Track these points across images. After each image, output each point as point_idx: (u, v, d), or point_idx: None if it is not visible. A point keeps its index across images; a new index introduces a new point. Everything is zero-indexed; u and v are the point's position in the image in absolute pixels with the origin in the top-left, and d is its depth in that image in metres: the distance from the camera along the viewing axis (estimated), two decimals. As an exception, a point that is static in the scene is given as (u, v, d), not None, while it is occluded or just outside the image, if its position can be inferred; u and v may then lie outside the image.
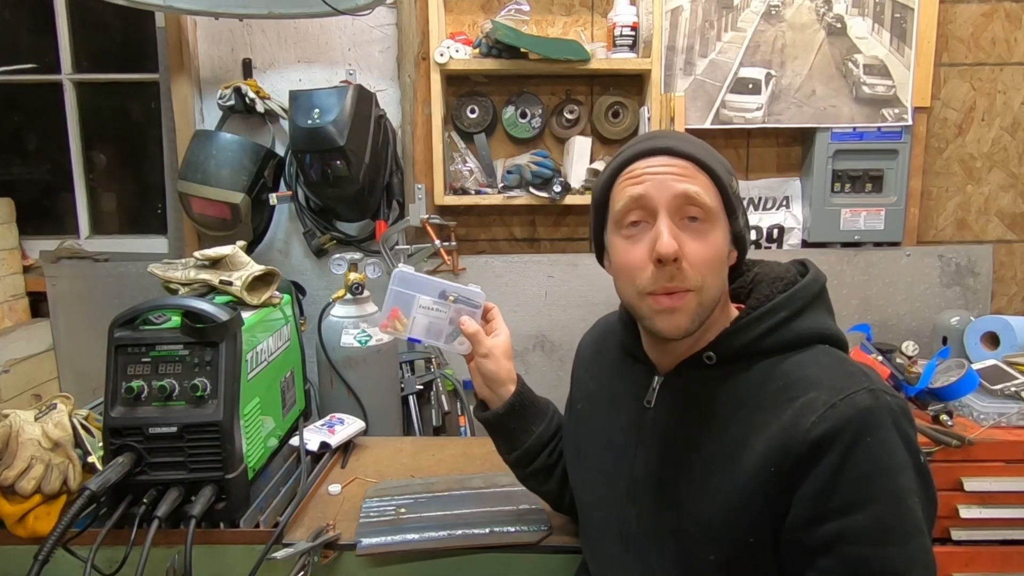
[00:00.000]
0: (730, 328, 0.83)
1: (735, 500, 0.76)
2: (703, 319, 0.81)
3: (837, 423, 0.71)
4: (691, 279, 0.78)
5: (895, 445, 0.72)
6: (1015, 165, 2.29)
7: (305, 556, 1.10)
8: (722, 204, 0.81)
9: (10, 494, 1.09)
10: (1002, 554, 1.61)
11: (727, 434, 0.79)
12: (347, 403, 1.84)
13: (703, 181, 0.80)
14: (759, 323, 0.81)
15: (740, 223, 0.84)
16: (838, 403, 0.73)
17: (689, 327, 0.80)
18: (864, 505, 0.70)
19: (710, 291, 0.80)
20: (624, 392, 0.93)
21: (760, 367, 0.81)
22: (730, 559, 0.77)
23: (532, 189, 2.14)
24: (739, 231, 0.84)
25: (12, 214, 2.32)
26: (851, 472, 0.70)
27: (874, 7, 2.14)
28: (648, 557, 0.85)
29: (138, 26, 2.31)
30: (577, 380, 1.07)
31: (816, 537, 0.72)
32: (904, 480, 0.71)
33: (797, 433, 0.73)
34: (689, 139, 0.83)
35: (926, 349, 2.10)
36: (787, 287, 0.84)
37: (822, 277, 0.87)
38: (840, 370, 0.78)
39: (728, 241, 0.83)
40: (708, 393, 0.83)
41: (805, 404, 0.74)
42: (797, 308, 0.82)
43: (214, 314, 1.12)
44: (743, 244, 0.86)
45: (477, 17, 2.24)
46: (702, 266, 0.79)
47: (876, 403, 0.73)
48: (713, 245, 0.80)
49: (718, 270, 0.81)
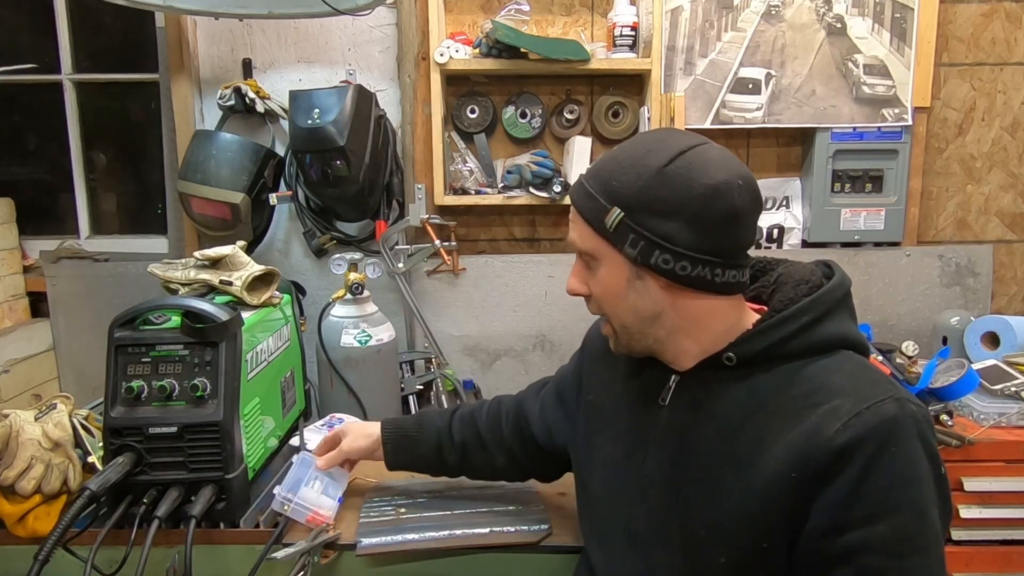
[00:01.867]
0: (752, 330, 0.82)
1: (750, 504, 0.75)
2: (636, 343, 0.88)
3: (862, 432, 0.71)
4: (601, 311, 0.90)
5: (919, 455, 0.71)
6: (1015, 165, 2.29)
7: (305, 556, 1.10)
8: (605, 241, 0.83)
9: (10, 494, 1.09)
10: (1002, 554, 1.61)
11: (744, 436, 0.79)
12: (347, 403, 1.84)
13: (581, 228, 0.86)
14: (782, 326, 0.80)
15: (632, 251, 0.80)
16: (863, 411, 0.72)
17: (626, 349, 0.90)
18: (886, 516, 0.70)
19: (620, 319, 0.87)
20: (638, 388, 0.93)
21: (781, 370, 0.80)
22: (742, 562, 0.77)
23: (532, 189, 2.14)
24: (638, 258, 0.80)
25: (12, 214, 2.32)
26: (874, 482, 0.70)
27: (874, 7, 2.14)
28: (653, 555, 0.85)
29: (138, 26, 2.31)
30: (587, 371, 1.07)
31: (836, 547, 0.71)
32: (926, 491, 0.71)
33: (820, 440, 0.72)
34: (600, 167, 0.85)
35: (926, 349, 2.10)
36: (812, 290, 0.83)
37: (847, 281, 0.86)
38: (865, 378, 0.77)
39: (625, 271, 0.83)
40: (726, 394, 0.82)
41: (829, 411, 0.74)
42: (821, 312, 0.81)
43: (214, 314, 1.12)
44: (661, 268, 0.80)
45: (477, 17, 2.24)
46: (600, 300, 0.88)
47: (901, 412, 0.72)
48: (601, 281, 0.86)
49: (615, 302, 0.86)
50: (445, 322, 2.31)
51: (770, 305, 0.85)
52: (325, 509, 1.17)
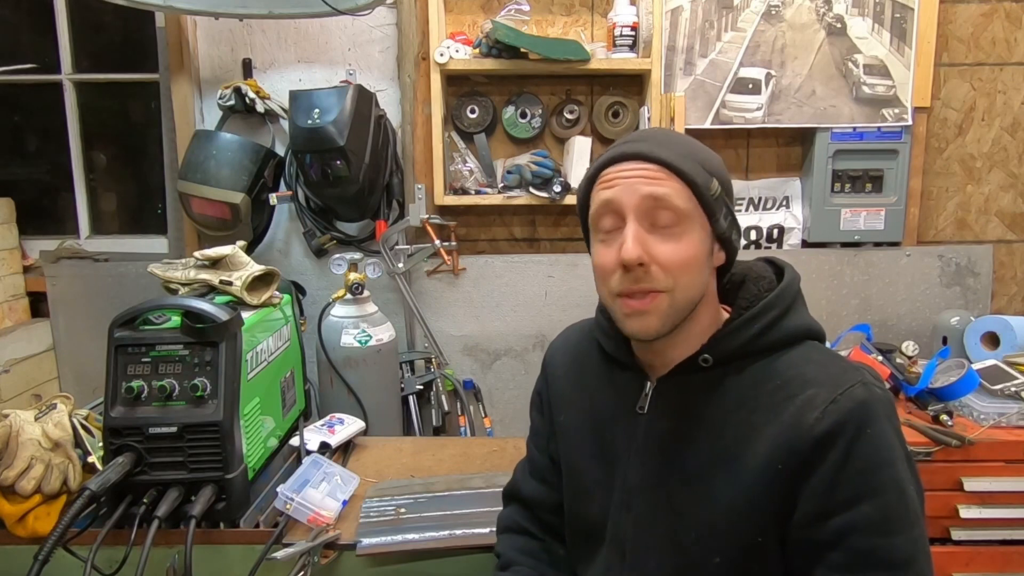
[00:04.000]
0: (724, 330, 0.83)
1: (740, 501, 0.76)
2: (676, 320, 0.81)
3: (839, 418, 0.73)
4: (661, 281, 0.79)
5: (891, 436, 0.74)
6: (1015, 165, 2.29)
7: (305, 556, 1.10)
8: (698, 206, 0.81)
9: (10, 494, 1.09)
10: (1002, 554, 1.61)
11: (726, 436, 0.79)
12: (347, 403, 1.84)
13: (674, 184, 0.79)
14: (753, 323, 0.82)
15: (723, 225, 0.83)
16: (838, 398, 0.74)
17: (660, 328, 0.80)
18: (869, 496, 0.72)
19: (684, 292, 0.80)
20: (611, 400, 0.92)
21: (754, 368, 0.82)
22: (737, 561, 0.77)
23: (532, 189, 2.14)
24: (722, 232, 0.83)
25: (12, 214, 2.32)
26: (855, 465, 0.72)
27: (874, 7, 2.14)
28: (646, 565, 0.84)
29: (138, 26, 2.31)
30: (554, 394, 1.02)
31: (824, 532, 0.73)
32: (901, 470, 0.73)
33: (801, 431, 0.74)
34: (668, 141, 0.83)
35: (926, 349, 2.10)
36: (771, 286, 0.85)
37: (798, 274, 0.89)
38: (835, 366, 0.79)
39: (708, 242, 0.82)
40: (704, 396, 0.83)
41: (805, 401, 0.75)
42: (786, 306, 0.83)
43: (214, 314, 1.12)
44: (729, 245, 0.85)
45: (477, 17, 2.24)
46: (674, 268, 0.79)
47: (871, 396, 0.75)
48: (686, 247, 0.79)
49: (694, 271, 0.80)
50: (445, 322, 2.31)
51: (736, 304, 0.86)
52: (328, 510, 1.17)
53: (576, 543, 0.97)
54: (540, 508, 1.03)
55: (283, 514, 1.16)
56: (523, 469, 1.07)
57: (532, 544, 1.02)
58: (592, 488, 0.92)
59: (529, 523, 1.03)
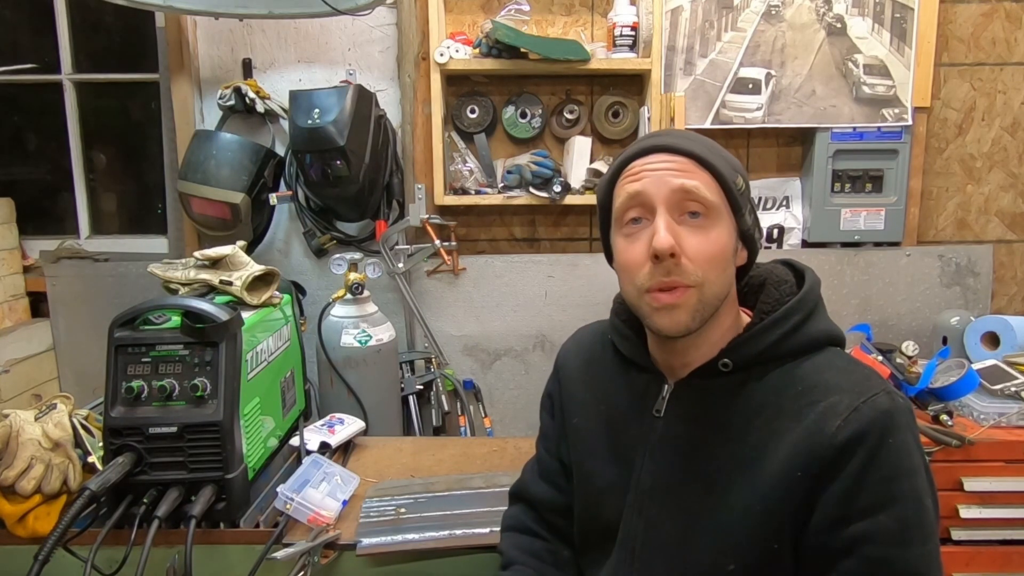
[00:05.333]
0: (746, 334, 0.82)
1: (758, 507, 0.75)
2: (705, 316, 0.80)
3: (861, 426, 0.72)
4: (691, 275, 0.77)
5: (912, 446, 0.73)
6: (1015, 165, 2.29)
7: (305, 556, 1.10)
8: (725, 200, 0.80)
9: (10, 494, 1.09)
10: (1002, 554, 1.61)
11: (746, 442, 0.78)
12: (347, 403, 1.84)
13: (703, 177, 0.79)
14: (775, 328, 0.81)
15: (748, 221, 0.83)
16: (860, 406, 0.73)
17: (690, 324, 0.79)
18: (888, 506, 0.71)
19: (713, 287, 0.79)
20: (626, 402, 0.91)
21: (776, 373, 0.80)
22: (752, 567, 0.76)
23: (532, 189, 2.14)
24: (747, 229, 0.83)
25: (12, 214, 2.32)
26: (876, 473, 0.71)
27: (874, 7, 2.14)
28: (655, 568, 0.83)
29: (138, 26, 2.31)
30: (566, 395, 1.01)
31: (840, 539, 0.72)
32: (920, 481, 0.73)
33: (823, 437, 0.73)
34: (692, 137, 0.83)
35: (926, 349, 2.10)
36: (792, 290, 0.84)
37: (819, 278, 0.87)
38: (857, 373, 0.78)
39: (734, 238, 0.82)
40: (723, 400, 0.82)
41: (827, 408, 0.74)
42: (808, 311, 0.82)
43: (214, 314, 1.12)
44: (752, 243, 0.85)
45: (477, 17, 2.24)
46: (703, 262, 0.77)
47: (894, 405, 0.74)
48: (715, 240, 0.78)
49: (721, 266, 0.79)
50: (445, 322, 2.31)
51: (755, 307, 0.85)
52: (328, 510, 1.17)
53: (586, 545, 0.96)
54: (547, 509, 1.02)
55: (283, 514, 1.16)
56: (531, 469, 1.07)
57: (536, 544, 1.01)
58: (604, 490, 0.91)
59: (534, 523, 1.03)
